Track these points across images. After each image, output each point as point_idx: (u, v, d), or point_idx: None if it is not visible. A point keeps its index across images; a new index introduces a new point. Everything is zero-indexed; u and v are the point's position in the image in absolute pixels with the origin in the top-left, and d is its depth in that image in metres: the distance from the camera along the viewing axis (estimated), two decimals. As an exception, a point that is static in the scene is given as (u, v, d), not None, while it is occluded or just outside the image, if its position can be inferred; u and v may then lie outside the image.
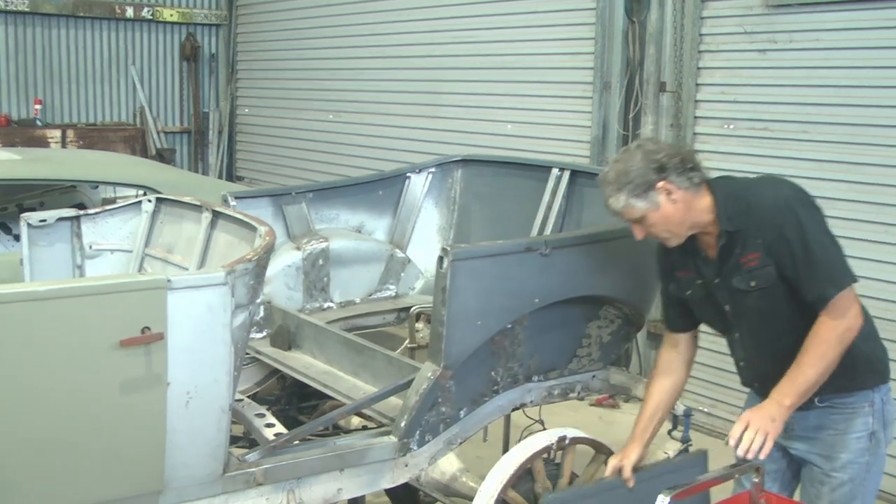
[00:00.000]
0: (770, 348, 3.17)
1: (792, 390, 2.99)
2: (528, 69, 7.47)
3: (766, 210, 3.04)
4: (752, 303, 3.11)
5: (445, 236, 5.06)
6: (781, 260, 3.02)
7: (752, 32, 5.94)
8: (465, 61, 8.06)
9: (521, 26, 7.51)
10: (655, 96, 6.55)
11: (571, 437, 3.60)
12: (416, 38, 8.60)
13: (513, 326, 3.48)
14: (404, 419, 3.33)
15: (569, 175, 4.62)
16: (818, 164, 5.63)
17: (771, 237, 3.01)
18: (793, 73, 5.77)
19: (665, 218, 3.08)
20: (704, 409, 6.33)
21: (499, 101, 7.72)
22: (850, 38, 5.47)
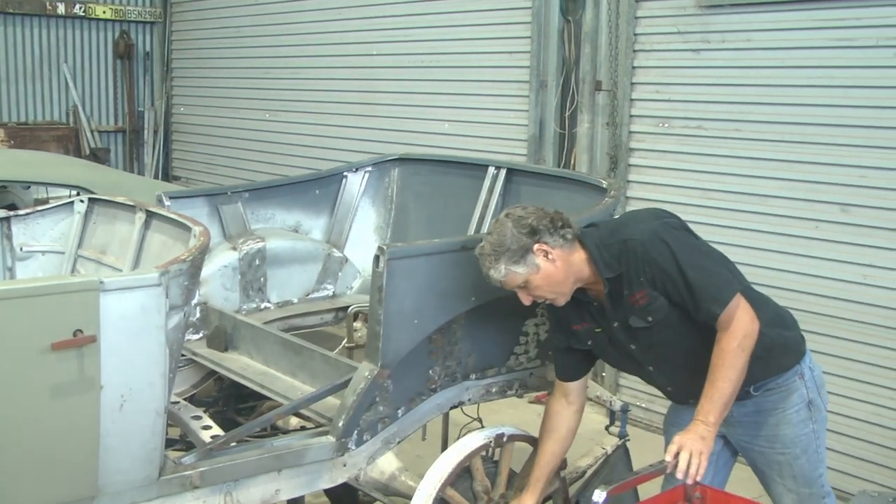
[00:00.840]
0: (689, 369, 3.24)
1: (712, 407, 3.07)
2: (464, 68, 7.48)
3: (636, 249, 3.14)
4: (656, 336, 3.22)
5: (383, 235, 5.05)
6: (666, 290, 3.13)
7: (686, 32, 6.02)
8: (401, 60, 8.06)
9: (457, 25, 7.52)
10: (591, 95, 6.60)
11: (509, 435, 3.62)
12: (353, 36, 8.57)
13: (450, 325, 3.49)
14: (342, 419, 3.32)
15: (505, 173, 4.64)
16: (751, 162, 5.72)
17: (651, 273, 3.12)
18: (726, 73, 5.86)
19: (547, 278, 3.15)
20: (642, 404, 6.39)
21: (436, 100, 7.73)
22: (780, 38, 5.57)
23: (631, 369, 3.50)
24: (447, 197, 4.89)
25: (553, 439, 3.52)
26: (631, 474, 2.96)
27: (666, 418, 3.66)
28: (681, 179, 6.09)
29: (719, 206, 5.88)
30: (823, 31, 5.36)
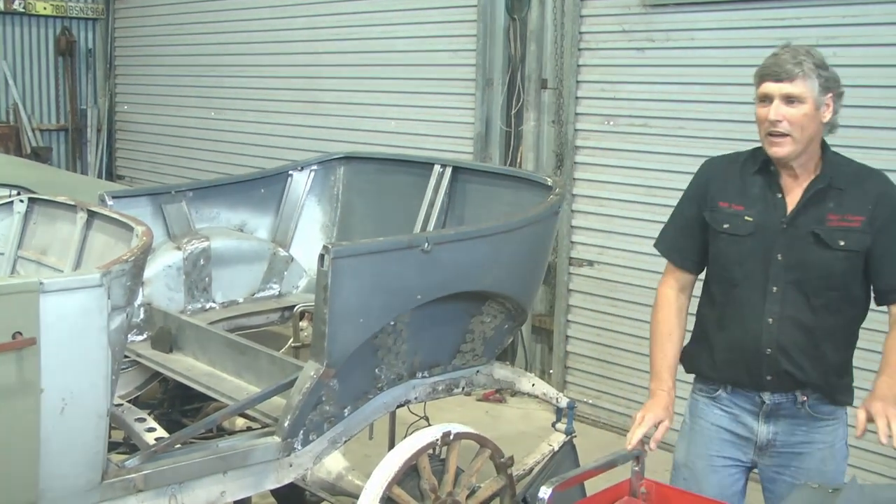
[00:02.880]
0: (805, 316, 3.02)
1: (894, 381, 2.87)
2: (411, 66, 7.48)
3: (880, 184, 3.01)
4: (826, 262, 2.98)
5: (328, 234, 5.03)
6: (881, 237, 2.96)
7: (631, 31, 6.07)
8: (347, 58, 8.03)
9: (403, 23, 7.51)
10: (537, 93, 6.63)
11: (456, 433, 3.62)
12: (299, 34, 8.53)
13: (396, 323, 3.48)
14: (288, 419, 3.30)
15: (451, 171, 4.64)
16: (694, 160, 5.66)
17: (882, 213, 2.96)
18: (670, 71, 5.91)
19: (812, 118, 2.93)
20: (589, 400, 6.43)
21: (382, 98, 7.71)
22: (723, 37, 5.64)
23: (747, 275, 3.07)
24: (393, 195, 4.89)
25: (668, 318, 3.27)
26: (577, 470, 2.96)
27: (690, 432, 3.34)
28: (626, 176, 6.14)
29: (663, 203, 5.91)
30: (765, 31, 5.42)
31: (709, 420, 3.24)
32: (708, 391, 3.25)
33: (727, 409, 3.20)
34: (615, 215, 6.23)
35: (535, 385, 4.15)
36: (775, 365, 3.05)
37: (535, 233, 3.87)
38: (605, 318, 6.34)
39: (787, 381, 3.06)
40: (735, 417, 3.18)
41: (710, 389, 3.24)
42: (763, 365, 3.06)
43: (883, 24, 4.97)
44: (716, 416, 3.22)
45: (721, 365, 3.18)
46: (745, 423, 3.17)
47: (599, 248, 6.34)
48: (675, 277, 3.31)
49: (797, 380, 3.05)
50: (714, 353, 3.19)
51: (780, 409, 3.10)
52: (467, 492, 3.67)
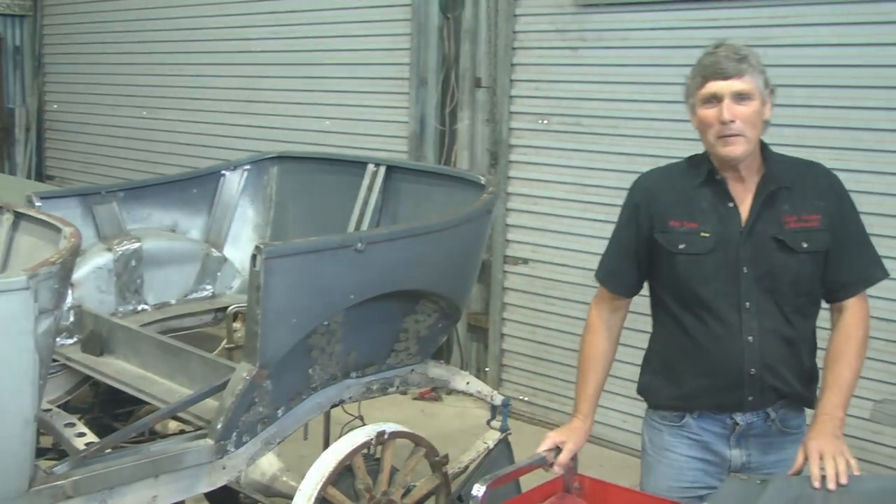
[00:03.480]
0: (784, 327, 2.92)
1: (840, 400, 2.82)
2: (344, 65, 7.46)
3: (829, 175, 2.95)
4: (793, 266, 2.87)
5: (262, 234, 5.00)
6: (837, 231, 2.89)
7: (564, 30, 6.11)
8: (281, 57, 7.99)
9: (336, 22, 7.49)
10: (471, 92, 6.65)
11: (391, 432, 3.61)
12: (231, 32, 8.46)
13: (329, 323, 3.47)
14: (220, 421, 3.27)
15: (384, 170, 4.64)
16: (628, 158, 5.83)
17: (833, 206, 2.89)
18: (603, 71, 5.97)
19: (759, 115, 2.83)
20: (525, 398, 6.47)
21: (316, 97, 7.68)
22: (655, 37, 5.70)
23: (716, 294, 2.91)
24: (327, 195, 4.87)
25: (595, 345, 3.15)
26: (510, 467, 2.98)
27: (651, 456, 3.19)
28: (560, 175, 6.18)
29: (597, 200, 5.98)
30: (697, 31, 5.48)
31: (677, 451, 3.07)
32: (673, 419, 3.08)
33: (696, 436, 3.03)
34: (549, 213, 6.27)
35: (470, 383, 4.16)
36: (759, 383, 2.91)
37: (468, 231, 3.88)
38: (540, 316, 6.38)
39: (770, 396, 2.95)
40: (705, 445, 3.03)
41: (676, 417, 3.07)
42: (745, 386, 2.92)
43: (812, 25, 5.06)
44: (684, 445, 3.05)
45: (693, 393, 3.00)
46: (716, 450, 3.02)
47: (534, 246, 6.38)
48: (608, 301, 3.17)
49: (780, 393, 2.94)
50: (683, 384, 3.02)
51: (752, 429, 2.97)
52: (402, 491, 3.67)
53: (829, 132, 4.94)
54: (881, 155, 4.81)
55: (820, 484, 2.62)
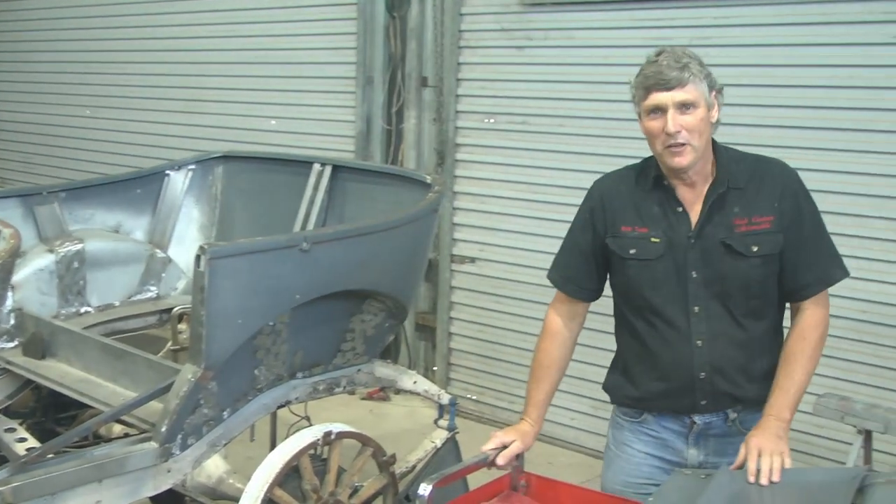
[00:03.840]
0: (734, 331, 2.91)
1: (788, 402, 2.82)
2: (290, 64, 7.43)
3: (779, 176, 2.89)
4: (742, 271, 2.86)
5: (207, 234, 4.96)
6: (792, 231, 2.86)
7: (510, 30, 6.13)
8: (226, 55, 7.94)
9: (282, 20, 7.46)
10: (418, 91, 6.65)
11: (337, 432, 3.60)
12: (177, 31, 8.39)
13: (275, 324, 3.44)
14: (165, 424, 3.23)
15: (330, 170, 4.63)
16: (576, 157, 5.87)
17: (788, 206, 2.85)
18: (549, 70, 5.99)
19: (705, 123, 2.80)
20: (473, 396, 6.48)
21: (262, 96, 7.64)
22: (601, 36, 5.75)
23: (665, 298, 2.93)
24: (273, 194, 4.85)
25: (548, 351, 3.13)
26: (456, 466, 2.98)
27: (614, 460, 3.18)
28: (507, 174, 6.21)
29: (544, 199, 6.02)
30: (642, 31, 5.54)
31: (635, 447, 3.09)
32: (633, 415, 3.10)
33: (654, 433, 3.05)
34: (496, 212, 6.29)
35: (417, 382, 4.15)
36: (710, 387, 2.91)
37: (414, 231, 3.88)
38: (487, 315, 6.40)
39: (724, 400, 2.94)
40: (663, 442, 3.04)
41: (635, 414, 3.09)
42: (696, 390, 2.92)
43: (753, 26, 5.12)
44: (642, 442, 3.07)
45: (648, 396, 3.02)
46: (674, 447, 3.03)
47: (482, 245, 6.40)
48: (566, 307, 3.15)
49: (734, 397, 2.94)
50: (639, 386, 3.04)
51: (711, 428, 2.98)
52: (350, 491, 3.66)
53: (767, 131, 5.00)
54: (835, 154, 4.88)
55: (754, 479, 2.65)
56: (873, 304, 4.70)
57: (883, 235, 4.72)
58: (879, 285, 4.53)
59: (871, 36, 4.74)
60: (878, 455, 4.52)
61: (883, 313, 4.74)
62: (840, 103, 4.86)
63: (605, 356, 5.26)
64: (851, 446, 4.39)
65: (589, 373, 5.57)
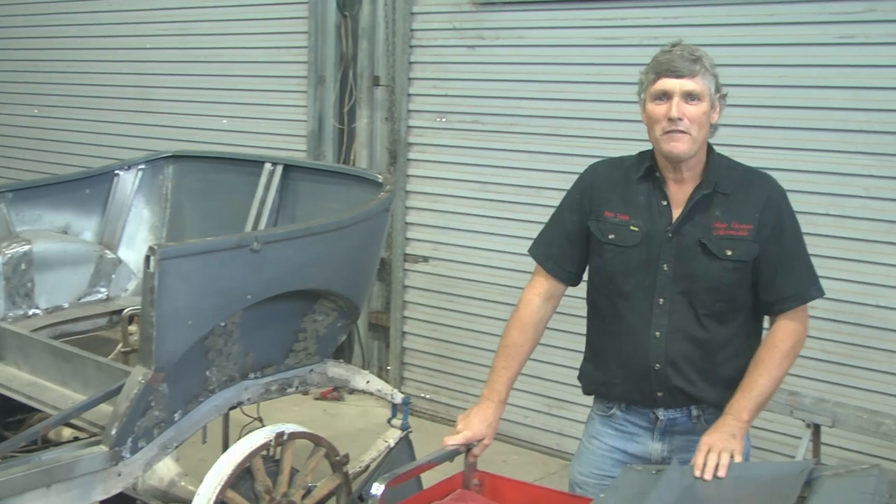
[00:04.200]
0: (694, 329, 2.94)
1: (749, 404, 2.84)
2: (241, 63, 7.37)
3: (774, 186, 2.96)
4: (713, 273, 2.89)
5: (158, 235, 4.92)
6: (771, 245, 2.90)
7: (461, 29, 6.13)
8: (177, 54, 7.86)
9: (233, 19, 7.40)
10: (370, 90, 6.63)
11: (290, 433, 3.59)
12: (127, 29, 8.28)
13: (226, 324, 3.43)
14: (115, 427, 3.21)
15: (282, 169, 4.61)
16: (528, 156, 5.89)
17: (770, 219, 2.90)
18: (501, 69, 6.00)
19: (707, 117, 2.87)
20: (427, 395, 6.48)
21: (212, 95, 7.57)
22: (552, 35, 5.76)
23: (634, 287, 2.97)
24: (224, 194, 4.82)
25: (520, 331, 3.11)
26: (409, 465, 2.98)
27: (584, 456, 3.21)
28: (459, 173, 6.21)
29: (497, 198, 6.02)
30: (593, 30, 5.57)
31: (603, 440, 3.12)
32: (603, 409, 3.13)
33: (622, 427, 3.08)
34: (449, 211, 6.29)
35: (370, 382, 4.15)
36: (665, 381, 2.94)
37: (365, 230, 3.88)
38: (441, 314, 6.40)
39: (679, 396, 2.97)
40: (630, 437, 3.07)
41: (605, 408, 3.12)
42: (653, 380, 2.96)
43: (703, 26, 5.15)
44: (610, 435, 3.10)
45: (614, 381, 3.06)
46: (640, 442, 3.05)
47: (434, 244, 6.40)
48: (545, 285, 3.14)
49: (689, 395, 2.96)
50: (607, 371, 3.08)
51: (675, 424, 3.00)
52: (303, 492, 3.66)
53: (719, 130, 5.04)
54: (785, 152, 4.92)
55: (700, 473, 2.70)
56: (821, 301, 4.72)
57: (831, 232, 4.79)
58: (828, 282, 4.55)
59: (819, 36, 4.80)
60: (827, 448, 4.59)
61: (831, 309, 4.80)
62: (790, 102, 4.92)
63: (559, 354, 5.39)
64: (801, 440, 4.46)
65: (543, 371, 5.61)
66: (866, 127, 4.70)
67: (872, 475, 2.57)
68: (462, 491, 2.95)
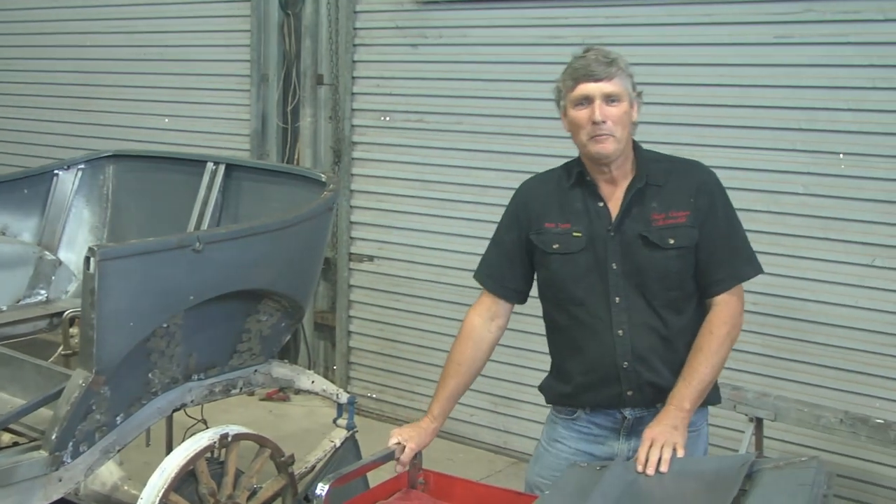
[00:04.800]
0: (654, 321, 2.97)
1: (690, 392, 2.86)
2: (183, 61, 7.30)
3: (706, 171, 3.02)
4: (659, 263, 2.93)
5: (99, 236, 4.87)
6: (707, 228, 2.94)
7: (404, 27, 6.13)
8: (118, 52, 7.75)
9: (174, 17, 7.32)
10: (313, 89, 6.60)
11: (234, 434, 3.57)
12: (66, 26, 8.16)
13: (168, 326, 3.40)
14: (55, 431, 3.16)
15: (224, 169, 4.58)
16: (472, 154, 5.90)
17: (704, 203, 2.94)
18: (444, 67, 6.01)
19: (628, 117, 2.91)
20: (373, 395, 6.47)
21: (155, 94, 7.48)
22: (495, 34, 5.77)
23: (589, 290, 2.98)
24: (166, 194, 4.79)
25: (461, 350, 3.12)
26: (353, 465, 2.98)
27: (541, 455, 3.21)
28: (404, 172, 6.20)
29: (441, 196, 6.03)
30: (535, 29, 5.59)
31: (567, 443, 3.10)
32: (566, 413, 3.12)
33: (586, 430, 3.07)
34: (394, 210, 6.28)
35: (315, 382, 4.14)
36: (635, 378, 2.96)
37: (309, 229, 3.87)
38: (386, 313, 6.39)
39: (649, 392, 2.98)
40: (595, 439, 3.06)
41: (569, 412, 3.11)
42: (622, 380, 2.97)
43: (643, 25, 5.20)
44: (574, 439, 3.09)
45: (577, 391, 3.05)
46: (606, 444, 3.05)
47: (379, 243, 6.39)
48: (488, 305, 3.15)
49: (659, 388, 2.96)
50: (571, 381, 3.07)
51: (642, 423, 2.96)
52: (248, 493, 3.64)
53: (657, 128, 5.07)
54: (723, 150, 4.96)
55: (642, 468, 2.72)
56: (762, 296, 4.82)
57: (769, 229, 4.85)
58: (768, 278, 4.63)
59: (757, 36, 4.87)
60: (769, 441, 4.67)
61: (771, 304, 4.88)
62: (729, 101, 4.98)
63: (506, 352, 5.39)
64: (744, 434, 4.53)
65: (490, 369, 5.52)
66: (804, 125, 4.78)
67: (811, 467, 2.62)
68: (407, 490, 2.95)
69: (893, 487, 4.72)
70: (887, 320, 4.65)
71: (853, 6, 4.60)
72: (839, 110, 4.68)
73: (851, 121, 4.65)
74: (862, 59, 4.60)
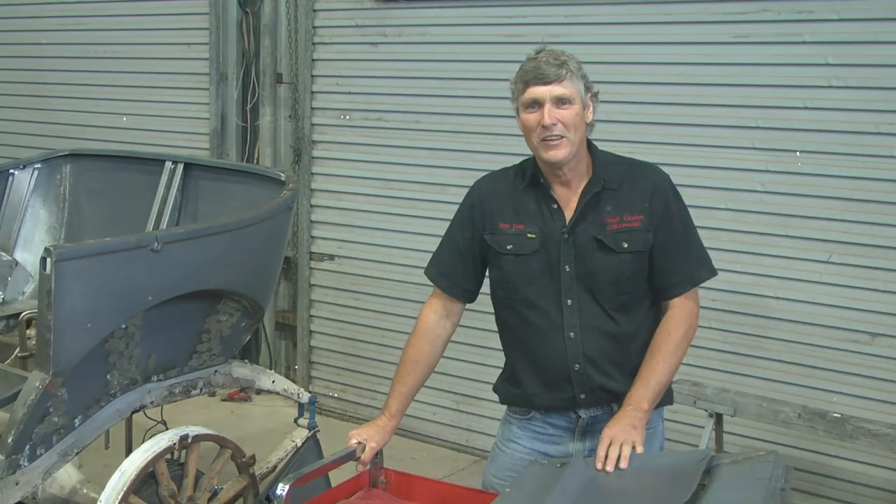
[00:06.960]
0: (605, 324, 2.97)
1: (647, 393, 2.88)
2: (141, 59, 7.23)
3: (661, 175, 3.02)
4: (613, 266, 2.93)
5: (56, 236, 4.81)
6: (661, 232, 2.95)
7: (364, 26, 6.12)
8: (75, 49, 7.67)
9: (132, 14, 7.25)
10: (273, 87, 6.59)
11: (194, 435, 3.54)
12: (21, 23, 8.06)
13: (127, 327, 3.36)
14: (12, 434, 3.11)
15: (183, 168, 4.55)
16: (431, 153, 5.90)
17: (658, 207, 2.95)
18: (403, 66, 6.00)
19: (580, 119, 2.89)
20: (335, 394, 6.46)
21: (112, 92, 7.41)
22: (454, 33, 5.78)
23: (540, 292, 2.99)
24: (123, 194, 4.74)
25: (417, 347, 3.13)
26: (314, 465, 2.97)
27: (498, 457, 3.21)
28: (364, 170, 6.20)
29: (401, 195, 6.03)
30: (494, 28, 5.60)
31: (522, 443, 3.12)
32: (521, 413, 3.13)
33: (541, 430, 3.09)
34: (354, 209, 6.27)
35: (276, 382, 4.13)
36: (587, 380, 2.97)
37: (268, 229, 3.85)
38: (347, 312, 6.38)
39: (601, 395, 2.99)
40: (550, 439, 3.08)
41: (524, 412, 3.13)
42: (574, 383, 2.98)
43: (603, 24, 5.23)
44: (529, 439, 3.10)
45: (530, 393, 3.07)
46: (561, 444, 3.06)
47: (340, 242, 6.37)
48: (441, 303, 3.16)
49: (611, 391, 2.98)
50: (521, 384, 3.09)
51: (597, 422, 2.99)
52: (209, 494, 3.61)
53: (617, 126, 5.11)
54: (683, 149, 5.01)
55: (601, 466, 2.74)
56: (722, 293, 4.87)
57: (730, 227, 4.90)
58: (728, 274, 4.69)
59: (715, 35, 4.91)
60: (729, 437, 4.71)
61: (731, 301, 4.93)
62: (687, 100, 5.01)
63: (466, 350, 5.41)
64: (704, 430, 4.56)
65: (451, 367, 5.62)
66: (762, 123, 4.83)
67: (769, 461, 2.65)
68: (369, 489, 2.96)
69: (850, 480, 4.79)
70: (844, 316, 4.71)
71: (808, 6, 4.65)
72: (796, 108, 4.74)
73: (807, 119, 4.71)
74: (817, 58, 4.66)
